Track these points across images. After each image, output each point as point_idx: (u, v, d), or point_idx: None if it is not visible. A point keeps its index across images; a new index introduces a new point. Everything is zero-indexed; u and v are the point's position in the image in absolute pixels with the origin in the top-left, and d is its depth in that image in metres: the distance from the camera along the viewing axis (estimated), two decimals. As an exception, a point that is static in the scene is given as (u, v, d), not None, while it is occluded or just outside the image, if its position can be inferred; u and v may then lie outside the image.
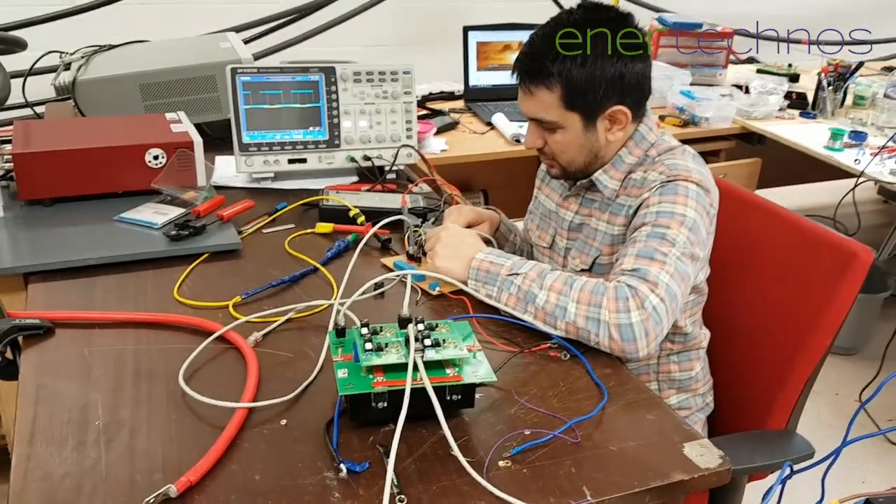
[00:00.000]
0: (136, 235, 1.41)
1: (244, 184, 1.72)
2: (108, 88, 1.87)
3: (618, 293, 1.11)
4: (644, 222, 1.22)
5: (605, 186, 1.33)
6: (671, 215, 1.21)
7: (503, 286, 1.18)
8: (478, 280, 1.21)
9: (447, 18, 3.22)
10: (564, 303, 1.12)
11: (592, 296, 1.11)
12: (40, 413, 0.96)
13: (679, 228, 1.19)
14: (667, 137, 1.35)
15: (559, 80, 1.24)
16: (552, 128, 1.29)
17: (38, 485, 0.84)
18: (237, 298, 1.23)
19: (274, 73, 1.64)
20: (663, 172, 1.26)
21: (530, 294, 1.15)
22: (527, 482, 0.87)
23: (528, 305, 1.16)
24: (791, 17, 3.78)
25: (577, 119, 1.27)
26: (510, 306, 1.18)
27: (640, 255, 1.17)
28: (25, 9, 2.65)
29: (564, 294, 1.13)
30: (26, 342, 1.11)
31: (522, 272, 1.18)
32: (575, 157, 1.32)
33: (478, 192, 2.89)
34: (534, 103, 1.28)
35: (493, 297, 1.20)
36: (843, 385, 2.61)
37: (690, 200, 1.22)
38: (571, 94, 1.25)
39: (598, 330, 1.10)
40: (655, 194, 1.24)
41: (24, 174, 1.48)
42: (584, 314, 1.11)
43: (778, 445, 1.27)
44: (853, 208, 2.55)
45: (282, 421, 0.96)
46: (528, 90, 1.28)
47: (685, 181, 1.24)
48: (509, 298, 1.18)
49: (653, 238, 1.19)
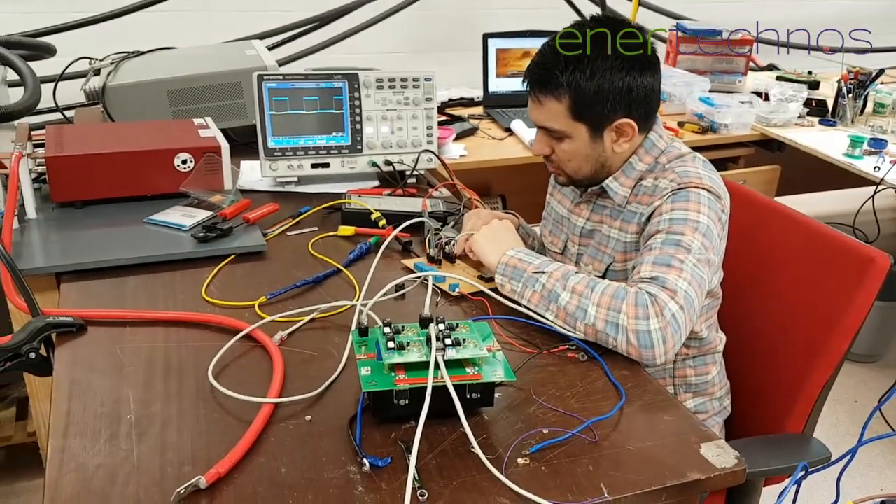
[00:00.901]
0: (164, 237, 1.45)
1: (269, 188, 1.75)
2: (136, 94, 1.91)
3: (637, 299, 1.12)
4: (658, 230, 1.24)
5: (616, 193, 1.35)
6: (685, 222, 1.22)
7: (528, 283, 1.21)
8: (504, 274, 1.24)
9: (467, 26, 3.24)
10: (585, 305, 1.14)
11: (613, 300, 1.13)
12: (74, 407, 0.99)
13: (693, 234, 1.21)
14: (677, 144, 1.37)
15: (568, 91, 1.26)
16: (560, 137, 1.31)
17: (72, 475, 0.87)
18: (263, 298, 1.26)
19: (299, 80, 1.67)
20: (674, 180, 1.28)
21: (553, 293, 1.17)
22: (545, 479, 0.89)
23: (550, 304, 1.18)
24: (813, 24, 3.77)
25: (584, 130, 1.30)
26: (533, 303, 1.20)
27: (657, 263, 1.18)
28: (55, 15, 2.71)
29: (585, 296, 1.15)
30: (59, 339, 1.15)
31: (548, 271, 1.20)
32: (581, 166, 1.34)
33: (496, 197, 2.91)
34: (542, 112, 1.31)
35: (518, 292, 1.22)
36: (862, 393, 2.60)
37: (703, 206, 1.24)
38: (579, 105, 1.27)
39: (616, 334, 1.12)
40: (668, 202, 1.26)
41: (57, 177, 1.53)
42: (604, 318, 1.12)
43: (794, 449, 1.28)
44: (873, 216, 2.54)
45: (307, 416, 0.98)
46: (538, 99, 1.30)
47: (696, 188, 1.25)
48: (533, 296, 1.20)
49: (668, 245, 1.20)
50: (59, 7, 2.78)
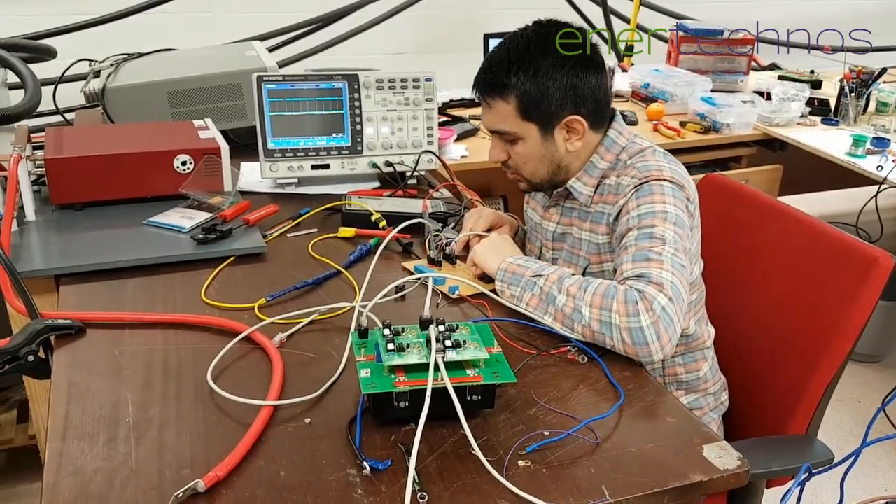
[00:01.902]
0: (164, 239, 1.45)
1: (269, 189, 1.75)
2: (136, 96, 1.91)
3: (627, 297, 1.12)
4: (629, 227, 1.24)
5: (580, 193, 1.36)
6: (653, 214, 1.23)
7: (526, 287, 1.21)
8: (504, 280, 1.24)
9: (467, 26, 3.24)
10: (579, 306, 1.14)
11: (604, 299, 1.13)
12: (72, 410, 0.99)
13: (664, 225, 1.21)
14: (637, 140, 1.38)
15: (514, 92, 1.28)
16: (513, 139, 1.33)
17: (70, 479, 0.87)
18: (262, 300, 1.25)
19: (298, 81, 1.67)
20: (635, 176, 1.29)
21: (550, 296, 1.18)
22: (546, 482, 0.88)
23: (548, 307, 1.18)
24: (814, 24, 3.77)
25: (534, 129, 1.31)
26: (532, 307, 1.20)
27: (637, 259, 1.18)
28: (56, 18, 2.71)
29: (579, 298, 1.15)
30: (58, 342, 1.14)
31: (545, 274, 1.20)
32: (537, 168, 1.35)
33: (497, 199, 2.90)
34: (493, 115, 1.32)
35: (517, 297, 1.22)
36: (866, 393, 2.59)
37: (668, 197, 1.25)
38: (527, 104, 1.29)
39: (611, 334, 1.11)
40: (633, 199, 1.27)
41: (56, 179, 1.52)
42: (598, 318, 1.12)
43: (797, 450, 1.27)
44: (876, 215, 2.53)
45: (306, 419, 0.98)
46: (487, 103, 1.32)
47: (658, 180, 1.27)
48: (531, 299, 1.20)
49: (642, 240, 1.21)
50: (59, 9, 2.78)
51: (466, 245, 1.45)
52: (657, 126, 2.67)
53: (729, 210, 1.57)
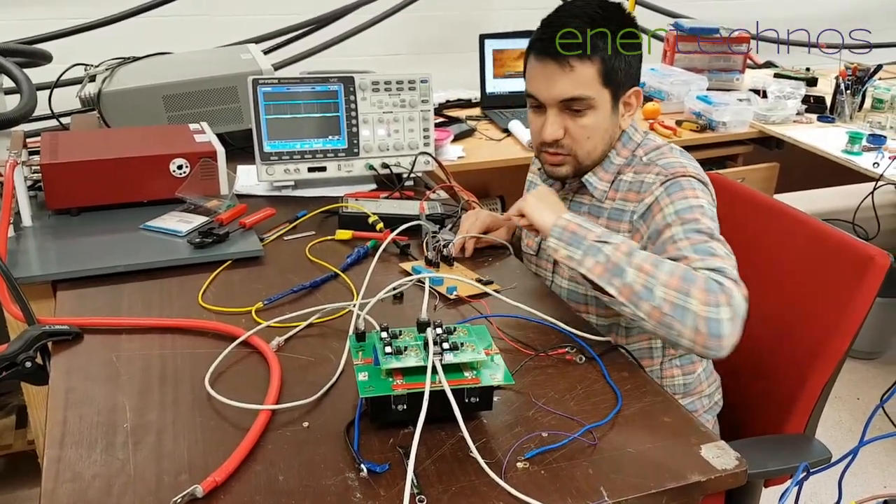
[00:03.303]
0: (161, 243, 1.44)
1: (265, 192, 1.75)
2: (132, 100, 1.90)
3: (708, 285, 1.07)
4: (667, 223, 1.21)
5: (595, 188, 1.35)
6: (690, 209, 1.21)
7: (589, 251, 1.14)
8: (561, 239, 1.17)
9: (463, 27, 3.24)
10: (652, 284, 1.09)
11: (682, 282, 1.07)
12: (70, 416, 0.99)
13: (704, 218, 1.20)
14: (651, 136, 1.38)
15: (599, 54, 1.24)
16: (583, 109, 1.27)
17: (68, 486, 0.87)
18: (259, 304, 1.25)
19: (294, 84, 1.67)
20: (660, 173, 1.27)
21: (619, 267, 1.11)
22: (544, 483, 0.88)
23: (613, 279, 1.12)
24: (810, 22, 3.77)
25: (608, 98, 1.27)
26: (595, 274, 1.13)
27: (701, 253, 1.14)
28: (51, 22, 2.71)
29: (653, 276, 1.09)
30: (55, 348, 1.14)
31: (613, 242, 1.14)
32: (597, 144, 1.31)
33: (495, 199, 2.90)
34: (571, 80, 1.25)
35: (576, 259, 1.15)
36: (865, 390, 2.60)
37: (698, 192, 1.24)
38: (608, 68, 1.25)
39: (683, 318, 1.06)
40: (663, 195, 1.25)
41: (52, 184, 1.52)
42: (672, 300, 1.07)
43: (795, 449, 1.27)
44: (873, 212, 2.53)
45: (304, 423, 0.97)
46: (568, 64, 1.24)
47: (684, 176, 1.25)
48: (595, 266, 1.13)
49: (691, 234, 1.18)
50: (54, 14, 2.78)
51: (463, 247, 1.45)
52: (653, 125, 2.68)
53: (725, 209, 1.55)
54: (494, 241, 1.49)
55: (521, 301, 1.24)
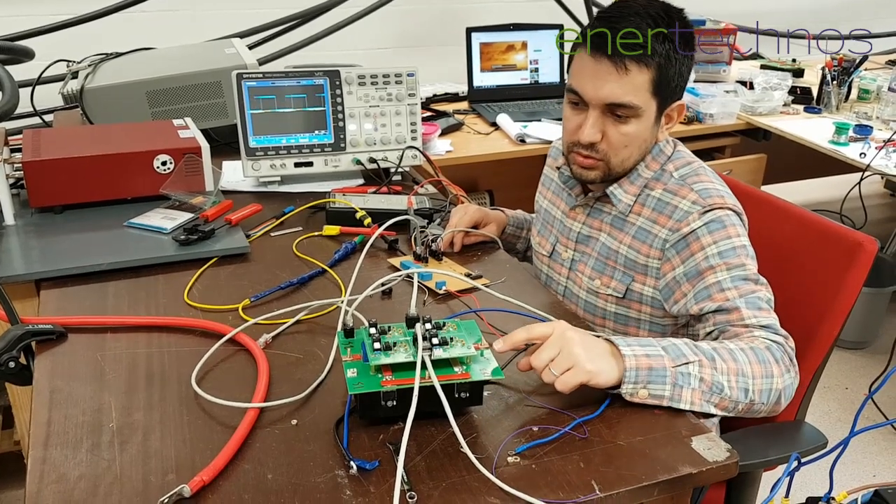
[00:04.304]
0: (145, 241, 1.43)
1: (251, 188, 1.73)
2: (115, 96, 1.88)
3: (775, 356, 1.07)
4: (710, 266, 1.18)
5: (620, 201, 1.29)
6: (734, 251, 1.18)
7: (679, 381, 1.00)
8: (638, 382, 0.98)
9: (449, 20, 3.23)
10: (744, 384, 1.04)
11: (763, 367, 1.06)
12: (55, 416, 0.97)
13: (748, 261, 1.18)
14: (681, 150, 1.32)
15: (657, 60, 1.17)
16: (627, 116, 1.20)
17: (53, 487, 0.85)
18: (246, 301, 1.24)
19: (279, 78, 1.65)
20: (696, 202, 1.21)
21: (717, 385, 1.02)
22: (535, 477, 0.88)
23: (712, 397, 1.02)
24: (793, 14, 3.78)
25: (654, 108, 1.21)
26: (696, 405, 1.00)
27: (752, 307, 1.13)
28: (32, 18, 2.67)
29: (742, 374, 1.04)
30: (40, 347, 1.13)
31: (694, 360, 1.02)
32: (633, 153, 1.24)
33: (483, 193, 2.90)
34: (623, 84, 1.17)
35: (668, 396, 0.99)
36: (853, 379, 2.61)
37: (738, 228, 1.20)
38: (661, 78, 1.18)
39: (767, 399, 1.05)
40: (704, 233, 1.19)
41: (35, 182, 1.50)
42: (760, 388, 1.05)
43: (789, 436, 1.27)
44: (860, 202, 2.54)
45: (293, 421, 0.97)
46: (624, 66, 1.16)
47: (722, 209, 1.20)
48: (693, 395, 1.00)
49: (738, 282, 1.16)
50: (35, 10, 2.74)
51: (451, 241, 1.44)
52: (641, 117, 2.67)
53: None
54: (483, 235, 1.48)
55: (510, 295, 1.23)
